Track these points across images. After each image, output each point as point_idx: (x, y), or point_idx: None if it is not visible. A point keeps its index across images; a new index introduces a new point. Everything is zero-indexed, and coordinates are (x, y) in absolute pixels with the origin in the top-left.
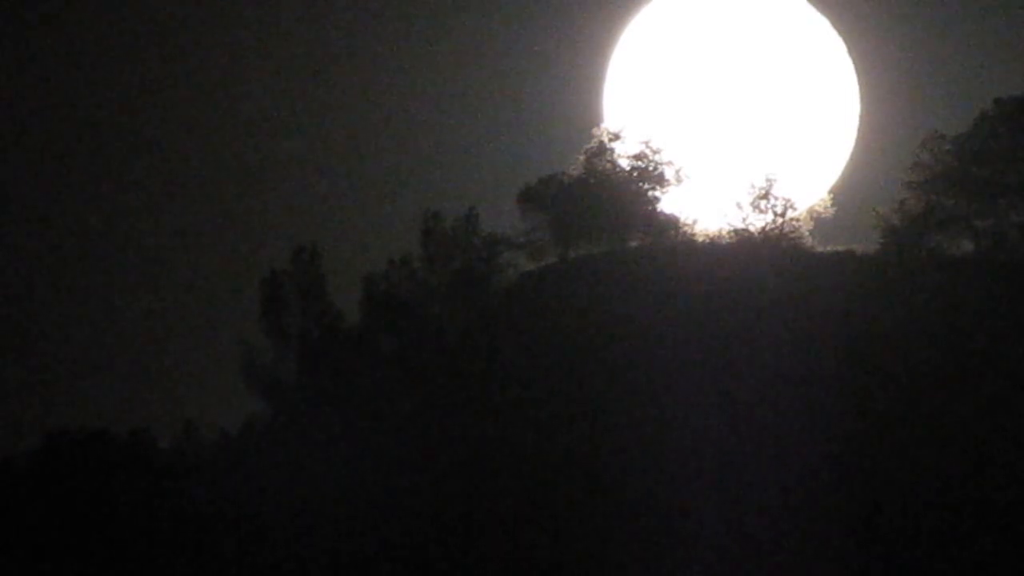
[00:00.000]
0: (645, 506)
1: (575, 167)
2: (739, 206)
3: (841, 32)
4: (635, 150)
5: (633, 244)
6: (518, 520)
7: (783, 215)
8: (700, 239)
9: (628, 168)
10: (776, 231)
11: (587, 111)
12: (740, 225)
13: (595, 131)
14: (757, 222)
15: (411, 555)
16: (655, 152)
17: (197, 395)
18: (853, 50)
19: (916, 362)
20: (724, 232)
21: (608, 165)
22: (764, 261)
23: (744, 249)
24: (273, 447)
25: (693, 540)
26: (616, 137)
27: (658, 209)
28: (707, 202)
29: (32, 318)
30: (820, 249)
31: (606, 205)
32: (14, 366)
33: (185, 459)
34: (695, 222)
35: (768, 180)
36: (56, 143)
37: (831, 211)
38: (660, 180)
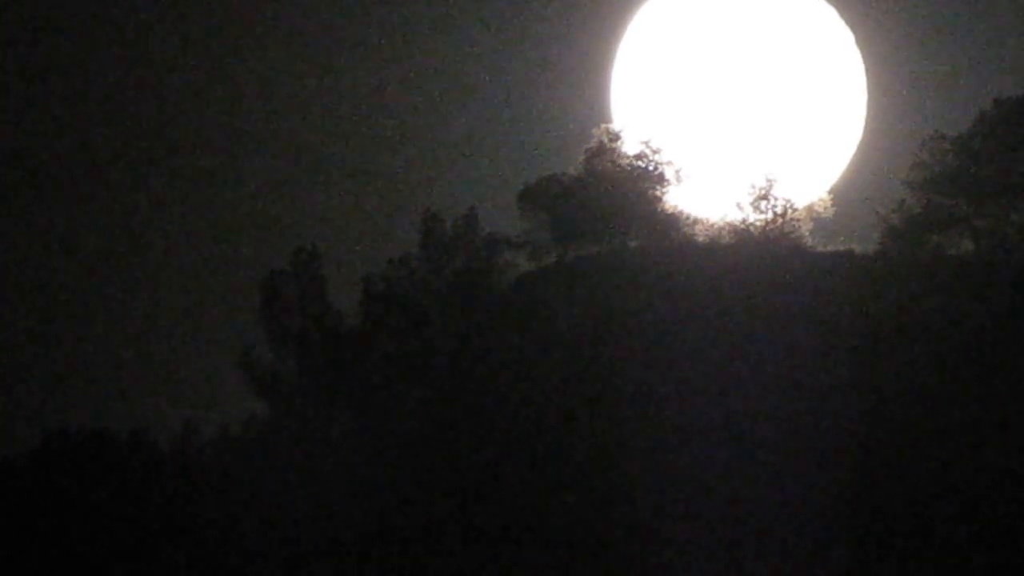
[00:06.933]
0: (646, 506)
1: (575, 167)
2: (739, 206)
3: (849, 22)
4: (635, 150)
5: (633, 244)
6: (517, 519)
7: (783, 215)
8: (701, 238)
9: (628, 168)
10: (776, 231)
11: (588, 110)
12: (740, 225)
13: (595, 131)
14: (757, 222)
15: (412, 554)
16: (655, 152)
17: (197, 395)
18: (861, 42)
19: (916, 362)
20: (724, 232)
21: (608, 165)
22: (764, 261)
23: (744, 249)
24: (273, 447)
25: (694, 543)
26: (616, 137)
27: (658, 209)
28: (708, 201)
29: (32, 318)
30: (820, 249)
31: (606, 205)
32: (14, 366)
33: (185, 459)
34: (695, 222)
35: (768, 180)
36: (55, 143)
37: (831, 211)
38: (660, 180)
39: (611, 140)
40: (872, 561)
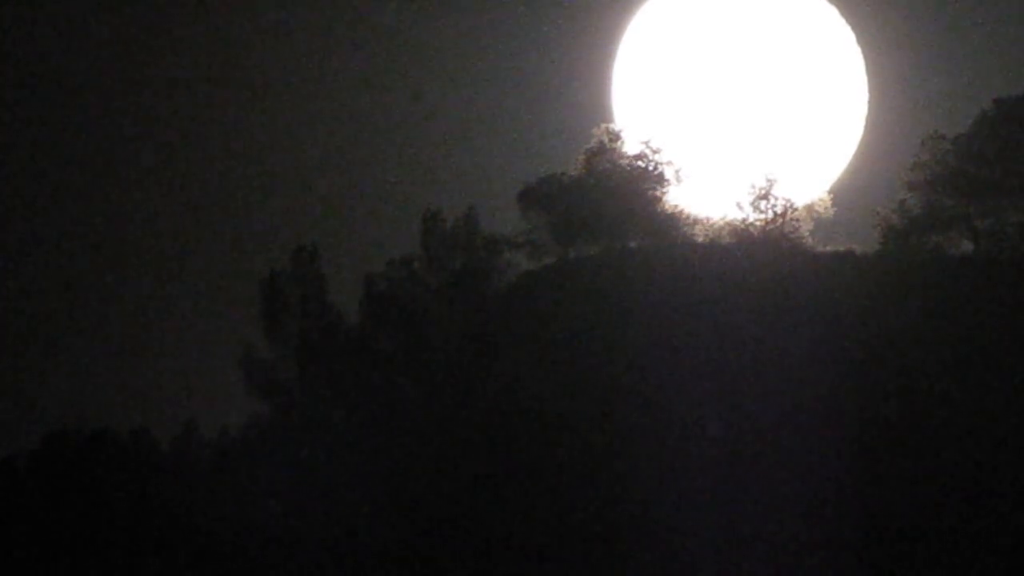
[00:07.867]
0: (647, 507)
1: (575, 167)
2: (739, 206)
3: (850, 22)
4: (635, 150)
5: (633, 244)
6: (518, 518)
7: (783, 215)
8: (701, 238)
9: (628, 168)
10: (776, 231)
11: (588, 110)
12: (740, 225)
13: (595, 131)
14: (757, 222)
15: (412, 554)
16: (655, 152)
17: (197, 395)
18: (862, 40)
19: (916, 362)
20: (724, 232)
21: (608, 165)
22: (764, 261)
23: (744, 249)
24: (273, 447)
25: (696, 545)
26: (616, 137)
27: (658, 209)
28: (708, 201)
29: (32, 318)
30: (820, 249)
31: (606, 205)
32: (14, 366)
33: (185, 459)
34: (695, 222)
35: (768, 180)
36: (56, 142)
37: (831, 211)
38: (660, 180)
39: (611, 140)
40: (875, 560)
